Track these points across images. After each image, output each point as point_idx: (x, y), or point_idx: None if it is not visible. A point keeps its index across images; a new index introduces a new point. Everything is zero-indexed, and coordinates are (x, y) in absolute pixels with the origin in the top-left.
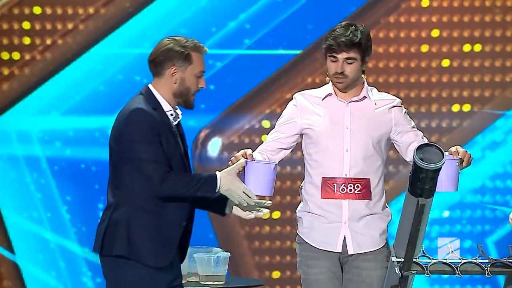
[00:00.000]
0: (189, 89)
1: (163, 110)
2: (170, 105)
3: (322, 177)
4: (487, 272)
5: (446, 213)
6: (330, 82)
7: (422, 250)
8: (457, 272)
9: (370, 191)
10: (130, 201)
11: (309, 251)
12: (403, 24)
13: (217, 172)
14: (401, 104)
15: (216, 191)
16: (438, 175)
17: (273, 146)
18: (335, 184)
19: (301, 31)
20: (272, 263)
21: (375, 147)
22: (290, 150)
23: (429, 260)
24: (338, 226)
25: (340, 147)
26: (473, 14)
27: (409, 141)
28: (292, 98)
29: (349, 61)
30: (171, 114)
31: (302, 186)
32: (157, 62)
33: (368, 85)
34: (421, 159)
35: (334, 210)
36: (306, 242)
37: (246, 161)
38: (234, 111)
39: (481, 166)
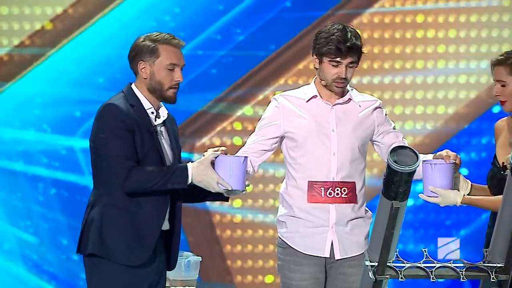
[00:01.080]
0: (161, 83)
1: (143, 107)
2: (151, 103)
3: (309, 181)
4: (462, 276)
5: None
6: (313, 83)
7: (396, 254)
8: (431, 276)
9: (356, 194)
10: (104, 199)
11: (293, 256)
12: (377, 24)
13: (188, 163)
14: (381, 104)
15: (188, 182)
16: (413, 178)
17: (255, 148)
18: (322, 188)
19: (274, 33)
20: (244, 267)
21: (360, 150)
22: (272, 152)
23: (403, 264)
24: (325, 231)
25: (327, 150)
26: (448, 15)
27: (390, 142)
28: (272, 99)
29: (351, 65)
30: (152, 112)
31: (283, 190)
32: (130, 59)
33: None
34: (395, 162)
35: (320, 214)
36: (290, 247)
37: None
38: (205, 112)
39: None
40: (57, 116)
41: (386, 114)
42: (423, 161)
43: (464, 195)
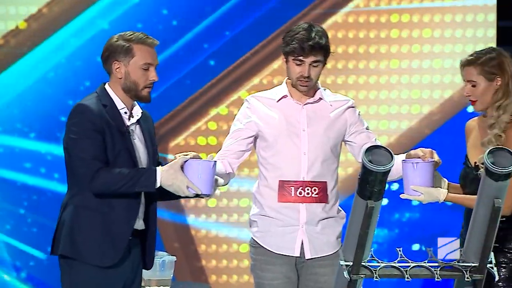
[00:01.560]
0: (136, 83)
1: (116, 107)
2: (124, 103)
3: (279, 180)
4: (436, 276)
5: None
6: (284, 83)
7: (371, 254)
8: (406, 276)
9: (327, 194)
10: (76, 200)
11: (264, 255)
12: (351, 24)
13: (158, 167)
14: (354, 104)
15: (156, 186)
16: (388, 177)
17: (232, 150)
18: (292, 188)
19: (249, 33)
20: (218, 267)
21: (332, 150)
22: (249, 152)
23: (378, 264)
24: (295, 230)
25: (297, 150)
26: (422, 14)
27: (363, 142)
28: (244, 101)
29: (315, 64)
30: (125, 112)
31: (255, 189)
32: (104, 60)
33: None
34: (370, 161)
35: (291, 213)
36: (261, 246)
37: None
38: (179, 113)
39: None
40: (34, 117)
41: (359, 114)
42: (403, 160)
43: (447, 192)
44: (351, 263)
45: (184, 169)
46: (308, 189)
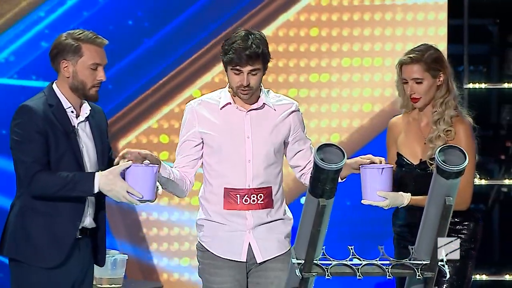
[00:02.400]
0: (84, 83)
1: (63, 107)
2: (71, 102)
3: (224, 188)
4: (388, 273)
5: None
6: (227, 89)
7: (323, 252)
8: (358, 274)
9: (272, 199)
10: (21, 201)
11: (212, 260)
12: (303, 22)
13: (97, 172)
14: (298, 107)
15: (94, 191)
16: (339, 176)
17: (186, 161)
18: (238, 195)
19: (200, 28)
20: (170, 265)
21: (276, 155)
22: (201, 158)
23: (330, 262)
24: (242, 235)
25: (242, 158)
26: (373, 13)
27: (298, 149)
28: (186, 107)
29: (254, 72)
30: (72, 111)
31: (201, 194)
32: (52, 58)
33: (265, 86)
34: (322, 160)
35: (237, 219)
36: (208, 250)
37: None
38: (130, 111)
39: None
40: None
41: (301, 119)
42: (362, 166)
43: (410, 196)
44: (303, 261)
45: (126, 174)
46: (253, 196)
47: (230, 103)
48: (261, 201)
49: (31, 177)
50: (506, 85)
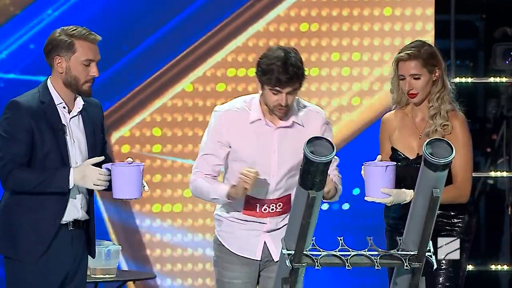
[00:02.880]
0: (77, 79)
1: (54, 103)
2: (63, 97)
3: (246, 195)
4: (376, 264)
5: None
6: (258, 102)
7: (313, 243)
8: (347, 264)
9: (290, 204)
10: (7, 196)
11: (226, 254)
12: (293, 18)
13: (72, 167)
14: (326, 119)
15: (70, 186)
16: (328, 169)
17: (211, 169)
18: (257, 204)
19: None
20: (163, 256)
21: (299, 164)
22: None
23: (319, 253)
24: (259, 234)
25: (266, 171)
26: (362, 8)
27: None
28: (214, 113)
29: (292, 92)
30: (64, 107)
31: None
32: (46, 53)
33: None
34: (312, 152)
35: (255, 223)
36: (223, 245)
37: (112, 165)
38: (124, 105)
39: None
40: None
41: (330, 129)
42: (367, 164)
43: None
44: (293, 252)
45: (112, 174)
46: (273, 206)
47: (260, 119)
48: (279, 209)
49: (7, 174)
50: (492, 79)
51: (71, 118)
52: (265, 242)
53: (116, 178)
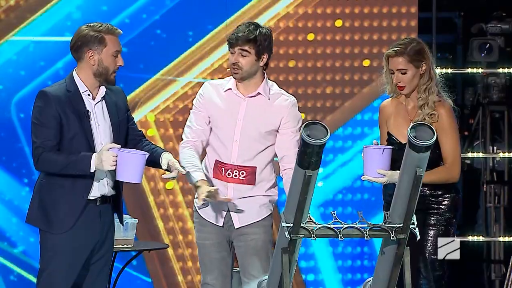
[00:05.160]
0: (107, 69)
1: (79, 91)
2: (88, 86)
3: (215, 160)
4: (366, 235)
5: (319, 183)
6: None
7: (309, 216)
8: (339, 235)
9: (255, 178)
10: (42, 176)
11: (199, 219)
12: (291, 15)
13: (93, 153)
14: (295, 104)
15: (91, 170)
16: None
17: (198, 135)
18: (223, 169)
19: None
20: (174, 228)
21: (265, 139)
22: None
23: (314, 225)
24: (223, 203)
25: (230, 137)
26: (353, 7)
27: (285, 145)
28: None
29: (243, 52)
30: (88, 94)
31: (204, 162)
32: (76, 48)
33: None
34: (308, 135)
35: (221, 189)
36: (197, 211)
37: (118, 151)
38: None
39: (363, 142)
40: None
41: (296, 115)
42: (367, 146)
43: None
44: (291, 225)
45: (119, 159)
46: (236, 172)
47: (231, 89)
48: (242, 177)
49: (38, 157)
50: (469, 70)
51: (95, 104)
52: (228, 210)
53: (120, 163)
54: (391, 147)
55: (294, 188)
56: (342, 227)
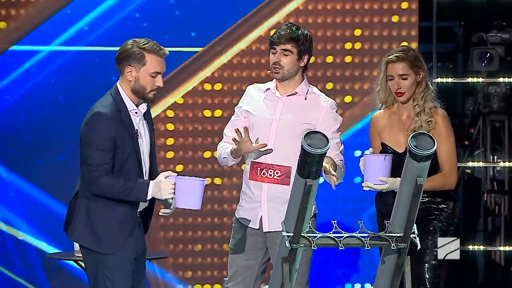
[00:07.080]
0: (144, 88)
1: (128, 111)
2: (134, 103)
3: (251, 161)
4: (366, 245)
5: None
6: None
7: (309, 226)
8: (340, 245)
9: (289, 179)
10: (88, 192)
11: (236, 223)
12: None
13: (151, 181)
14: (334, 106)
15: (147, 198)
16: (323, 159)
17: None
18: (258, 168)
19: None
20: (175, 237)
21: (298, 138)
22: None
23: (315, 234)
24: (258, 206)
25: (266, 136)
26: (354, 16)
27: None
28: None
29: (285, 51)
30: (135, 112)
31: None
32: (118, 61)
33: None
34: (309, 145)
35: (255, 191)
36: (236, 216)
37: (176, 178)
38: None
39: (362, 148)
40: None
41: (334, 118)
42: (367, 154)
43: None
44: (292, 234)
45: (177, 185)
46: (271, 171)
47: (269, 89)
48: (277, 176)
49: (94, 180)
50: (469, 80)
51: (139, 121)
52: (261, 215)
53: (179, 190)
54: (391, 154)
55: (294, 198)
56: (343, 236)
